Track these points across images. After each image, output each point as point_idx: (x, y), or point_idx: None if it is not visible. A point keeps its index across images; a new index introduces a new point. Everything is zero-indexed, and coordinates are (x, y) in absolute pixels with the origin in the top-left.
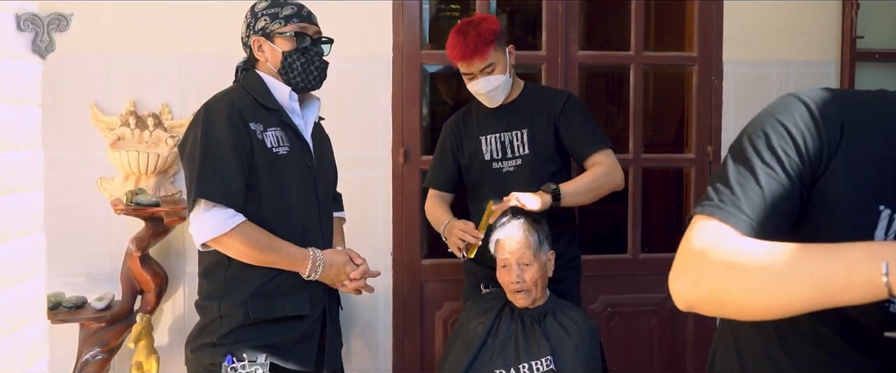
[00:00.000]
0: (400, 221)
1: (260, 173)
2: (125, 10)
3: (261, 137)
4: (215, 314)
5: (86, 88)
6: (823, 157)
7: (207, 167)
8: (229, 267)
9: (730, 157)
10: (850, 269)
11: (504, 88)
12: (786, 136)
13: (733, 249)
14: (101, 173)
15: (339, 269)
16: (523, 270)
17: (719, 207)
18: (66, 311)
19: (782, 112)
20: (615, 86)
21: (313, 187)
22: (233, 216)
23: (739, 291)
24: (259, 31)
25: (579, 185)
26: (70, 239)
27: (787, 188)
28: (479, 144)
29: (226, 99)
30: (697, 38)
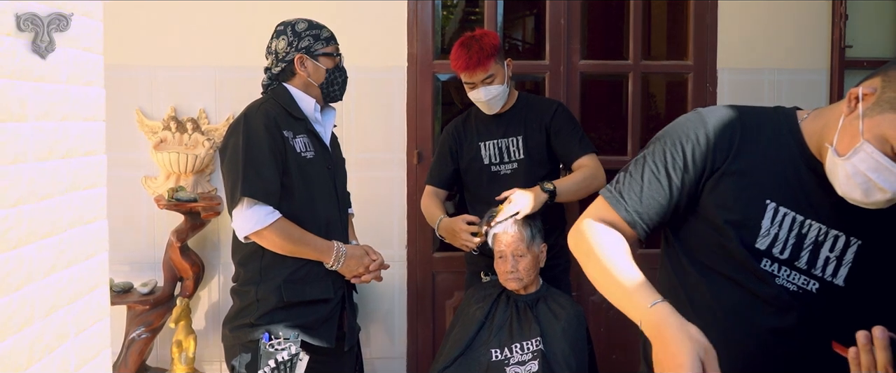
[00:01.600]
0: (414, 217)
1: (291, 174)
2: (167, 28)
3: (292, 143)
4: (252, 298)
5: (132, 96)
6: (709, 162)
7: (250, 169)
8: (263, 257)
9: (637, 157)
10: (631, 297)
11: (502, 97)
12: (678, 145)
13: (595, 233)
14: (145, 172)
15: (358, 261)
16: (517, 261)
17: (610, 191)
18: (114, 294)
19: (683, 125)
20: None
21: (333, 186)
22: (271, 213)
23: (583, 262)
24: (303, 50)
25: (570, 183)
26: (118, 231)
27: (664, 186)
28: (478, 150)
29: (262, 109)
30: (693, 48)
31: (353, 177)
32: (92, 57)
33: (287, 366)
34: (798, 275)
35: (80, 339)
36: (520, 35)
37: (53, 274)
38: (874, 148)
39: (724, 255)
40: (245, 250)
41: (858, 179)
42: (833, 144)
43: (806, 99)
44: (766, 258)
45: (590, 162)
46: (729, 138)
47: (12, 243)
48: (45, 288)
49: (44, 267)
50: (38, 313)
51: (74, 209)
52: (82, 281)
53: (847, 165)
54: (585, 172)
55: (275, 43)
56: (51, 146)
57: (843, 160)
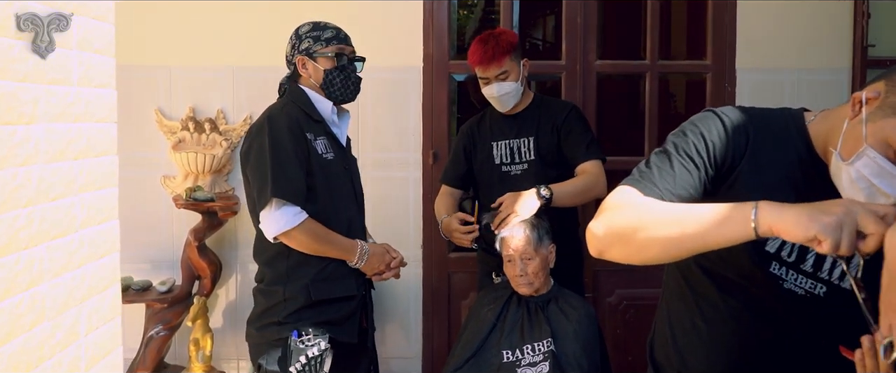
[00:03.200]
0: (429, 217)
1: (315, 175)
2: (185, 28)
3: (314, 145)
4: (279, 297)
5: (151, 96)
6: (728, 161)
7: (278, 170)
8: (289, 257)
9: (656, 150)
10: (732, 207)
11: (515, 95)
12: (700, 138)
13: (640, 200)
14: (164, 172)
15: (379, 259)
16: (526, 264)
17: (638, 180)
18: (134, 292)
19: (701, 121)
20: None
21: (351, 187)
22: (299, 213)
23: (643, 229)
24: (303, 51)
25: (568, 188)
26: (137, 230)
27: (694, 176)
28: (490, 149)
29: (285, 111)
30: (711, 47)
31: (367, 177)
32: (104, 59)
33: (317, 361)
34: (805, 279)
35: (91, 338)
36: (540, 35)
37: (65, 273)
38: (877, 153)
39: (733, 257)
40: (271, 251)
41: (862, 184)
42: (837, 148)
43: (826, 99)
44: (775, 261)
45: (593, 169)
46: (744, 138)
47: (23, 243)
48: (56, 287)
49: (55, 267)
50: (49, 313)
51: (86, 210)
52: (94, 280)
53: (850, 170)
54: (586, 179)
55: (287, 47)
56: (63, 148)
57: (846, 165)
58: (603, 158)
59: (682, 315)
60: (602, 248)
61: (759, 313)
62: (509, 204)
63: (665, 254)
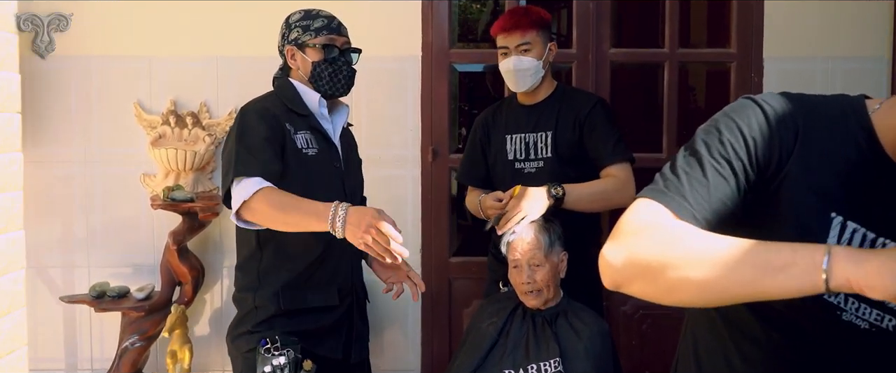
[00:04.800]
0: (429, 219)
1: (290, 165)
2: (166, 15)
3: (293, 138)
4: (250, 305)
5: (130, 89)
6: (774, 161)
7: (243, 152)
8: (261, 261)
9: (682, 149)
10: (795, 250)
11: (533, 74)
12: (738, 135)
13: (674, 227)
14: (145, 170)
15: (361, 217)
16: (534, 272)
17: (663, 192)
18: (109, 300)
19: (738, 113)
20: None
21: (341, 186)
22: (259, 182)
23: (675, 267)
24: (292, 42)
25: (586, 191)
26: (115, 233)
27: (732, 185)
28: (504, 143)
29: (259, 103)
30: (736, 34)
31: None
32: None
33: (284, 372)
34: (869, 309)
35: None
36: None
37: None
38: None
39: None
40: (244, 253)
41: None
42: None
43: (863, 90)
44: None
45: (620, 173)
46: (792, 132)
47: None
48: None
49: None
50: None
51: None
52: None
53: None
54: (608, 183)
55: (279, 38)
56: None
57: None
58: (631, 159)
59: (712, 349)
60: (619, 281)
61: (809, 350)
62: (516, 202)
63: (701, 298)
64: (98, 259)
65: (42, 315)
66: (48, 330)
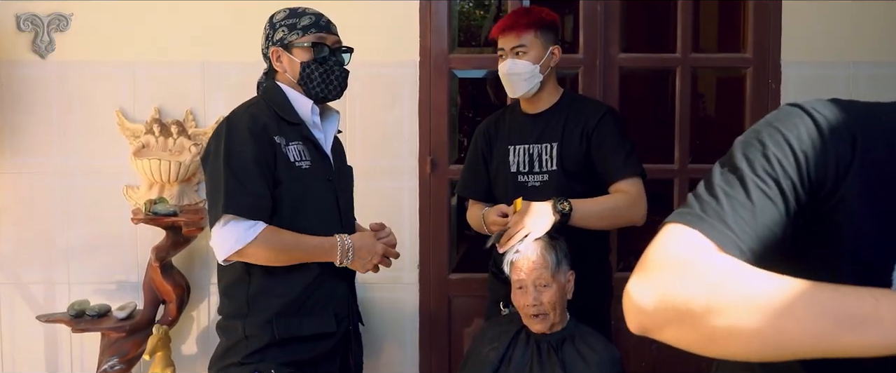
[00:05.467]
0: (427, 233)
1: (283, 187)
2: (150, 18)
3: (284, 151)
4: (240, 335)
5: (112, 96)
6: (828, 180)
7: (233, 182)
8: (250, 284)
9: (718, 165)
10: (877, 299)
11: (528, 79)
12: (786, 148)
13: (717, 262)
14: (128, 181)
15: (369, 249)
16: (541, 293)
17: (700, 217)
18: (88, 320)
19: (784, 122)
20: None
21: (335, 201)
22: (252, 226)
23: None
24: (277, 42)
25: (594, 208)
26: (97, 248)
27: (780, 209)
28: (506, 155)
29: (248, 112)
30: (752, 37)
31: (356, 187)
32: None
33: None
34: None
35: None
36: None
37: None
38: None
39: None
40: (229, 277)
41: None
42: None
43: (890, 98)
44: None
45: (630, 189)
46: (849, 145)
47: None
48: None
49: None
50: None
51: None
52: None
53: None
54: (620, 200)
55: (262, 39)
56: None
57: None
58: (643, 174)
59: None
60: (648, 326)
61: None
62: (519, 217)
63: (753, 352)
64: (79, 275)
65: (21, 334)
66: (28, 350)
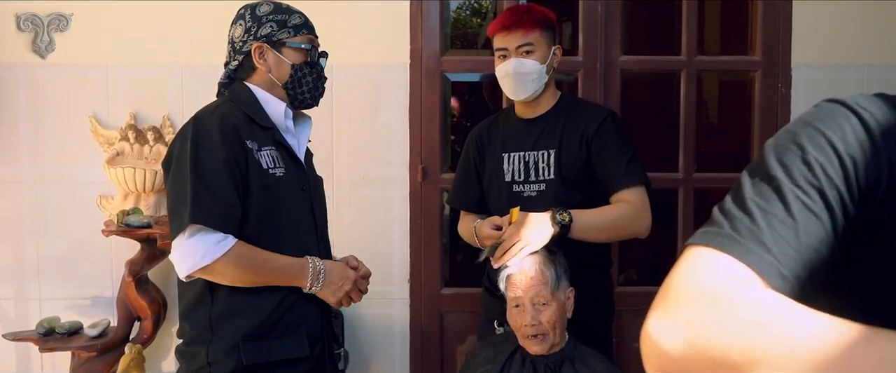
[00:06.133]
0: (418, 245)
1: (254, 197)
2: (126, 18)
3: (256, 157)
4: (202, 361)
5: (85, 101)
6: (880, 188)
7: (201, 188)
8: (213, 305)
9: (747, 175)
10: None
11: (535, 80)
12: (829, 152)
13: (759, 297)
14: (102, 191)
15: (341, 274)
16: (539, 311)
17: (733, 238)
18: (58, 338)
19: (826, 122)
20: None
21: (310, 213)
22: (223, 239)
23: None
24: (264, 38)
25: (595, 219)
26: (70, 261)
27: (826, 225)
28: (500, 162)
29: (217, 112)
30: (761, 39)
31: (342, 197)
32: None
33: None
34: None
35: None
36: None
37: None
38: None
39: None
40: (189, 297)
41: None
42: None
43: None
44: None
45: (634, 198)
46: None
47: None
48: None
49: None
50: None
51: None
52: None
53: None
54: (623, 210)
55: (233, 30)
56: None
57: None
58: (646, 182)
59: None
60: (673, 370)
61: None
62: (515, 229)
63: None
64: (51, 290)
65: None
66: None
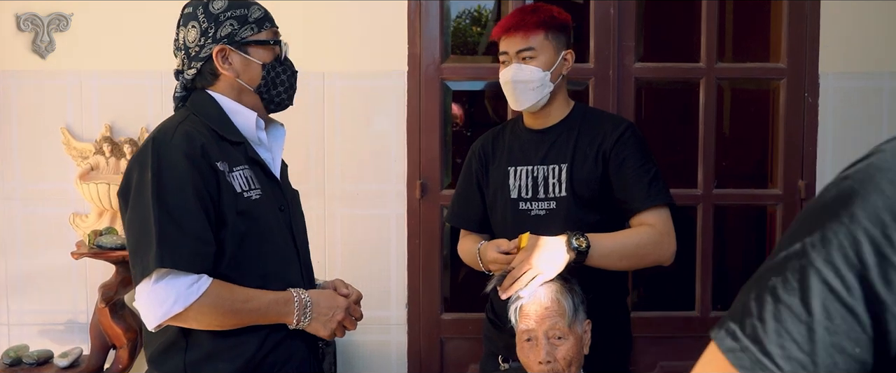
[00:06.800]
0: (416, 267)
1: (230, 227)
2: (99, 22)
3: (228, 180)
4: None
5: (58, 111)
6: None
7: (168, 223)
8: (188, 350)
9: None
10: None
11: (536, 89)
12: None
13: None
14: (76, 208)
15: (330, 304)
16: (554, 347)
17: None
18: (26, 368)
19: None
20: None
21: (290, 236)
22: (196, 281)
23: None
24: (225, 39)
25: (614, 244)
26: (40, 284)
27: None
28: (505, 177)
29: (181, 130)
30: (787, 46)
31: (335, 215)
32: None
33: None
34: None
35: None
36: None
37: None
38: None
39: None
40: (159, 341)
41: None
42: None
43: None
44: None
45: (657, 222)
46: None
47: None
48: None
49: None
50: None
51: None
52: None
53: None
54: (646, 235)
55: (183, 33)
56: None
57: None
58: (671, 203)
59: None
60: None
61: None
62: (525, 255)
63: None
64: (21, 316)
65: None
66: None
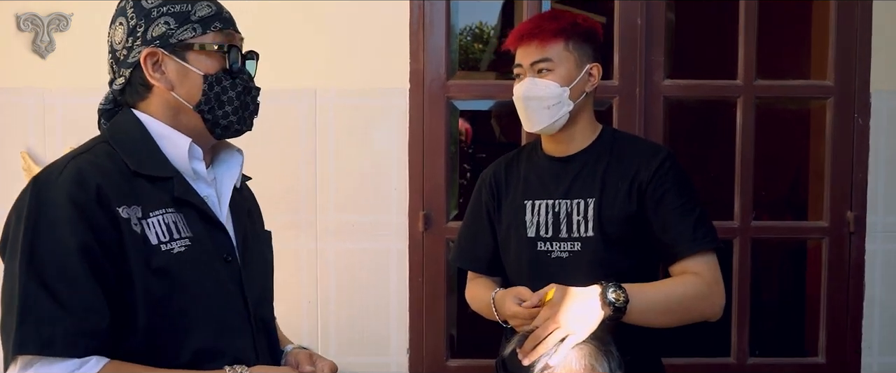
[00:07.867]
0: (419, 307)
1: (139, 288)
2: (66, 36)
3: (137, 229)
4: None
5: (18, 132)
6: None
7: (40, 292)
8: None
9: None
10: None
11: (552, 108)
12: None
13: None
14: None
15: None
16: None
17: None
18: None
19: None
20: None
21: (239, 295)
22: (79, 367)
23: None
24: (155, 41)
25: (658, 297)
26: None
27: None
28: (521, 212)
29: (73, 167)
30: (834, 61)
31: (328, 250)
32: None
33: None
34: None
35: None
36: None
37: None
38: None
39: None
40: None
41: None
42: None
43: None
44: None
45: (703, 270)
46: None
47: None
48: None
49: None
50: None
51: None
52: None
53: None
54: (691, 286)
55: (111, 32)
56: None
57: None
58: (719, 246)
59: None
60: None
61: None
62: (551, 312)
63: None
64: None
65: None
66: None
